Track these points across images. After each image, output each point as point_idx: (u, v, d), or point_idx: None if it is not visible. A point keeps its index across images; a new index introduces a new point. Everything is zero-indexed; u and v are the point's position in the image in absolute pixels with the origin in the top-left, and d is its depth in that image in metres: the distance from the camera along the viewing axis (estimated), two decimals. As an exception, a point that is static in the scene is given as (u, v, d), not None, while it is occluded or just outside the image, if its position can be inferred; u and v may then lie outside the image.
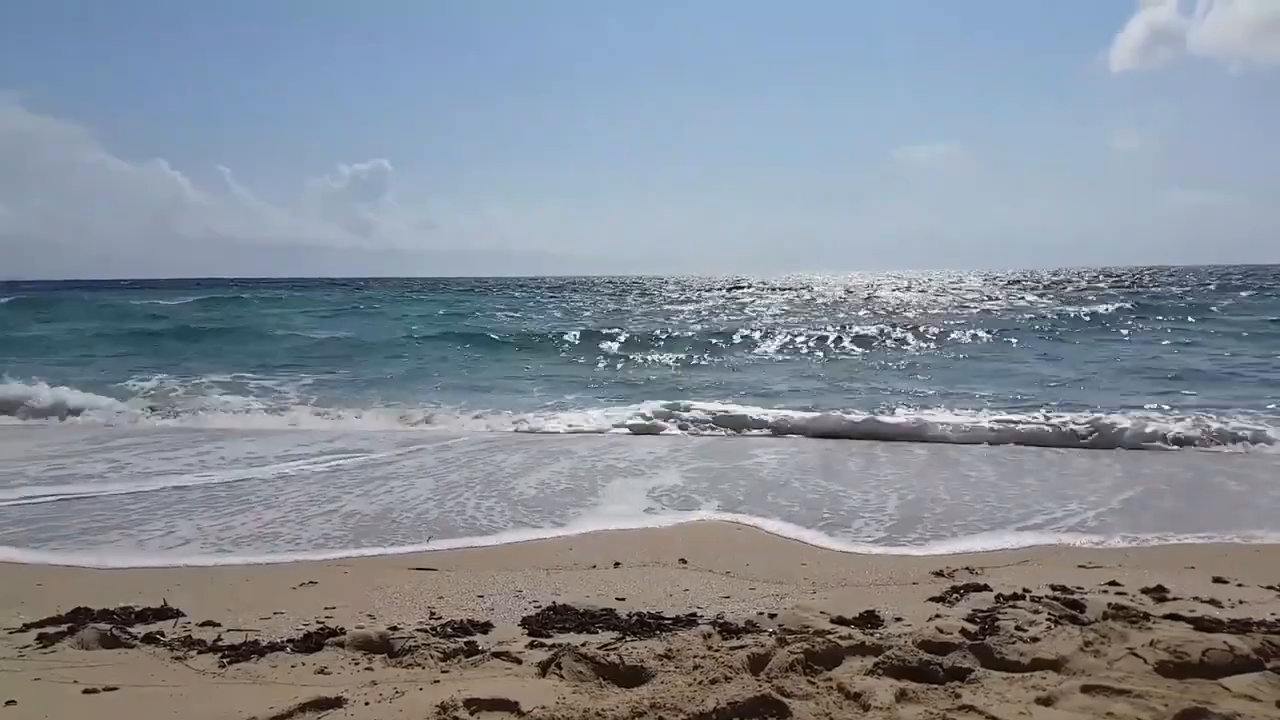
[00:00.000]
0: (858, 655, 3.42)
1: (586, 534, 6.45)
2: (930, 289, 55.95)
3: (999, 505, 7.18)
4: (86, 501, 7.38)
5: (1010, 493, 7.64)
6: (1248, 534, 6.28)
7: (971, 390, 14.68)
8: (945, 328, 25.51)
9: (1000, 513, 6.94)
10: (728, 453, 9.72)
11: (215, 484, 8.11)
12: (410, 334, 26.41)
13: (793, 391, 15.22)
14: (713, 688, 3.12)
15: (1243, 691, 2.98)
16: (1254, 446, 9.64)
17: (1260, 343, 20.99)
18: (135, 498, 7.53)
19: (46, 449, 10.00)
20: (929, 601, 4.56)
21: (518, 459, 9.30)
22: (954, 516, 6.83)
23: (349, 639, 3.82)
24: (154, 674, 3.50)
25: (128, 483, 8.15)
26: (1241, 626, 3.84)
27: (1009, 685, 3.11)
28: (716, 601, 4.69)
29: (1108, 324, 27.22)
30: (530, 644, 3.87)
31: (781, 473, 8.61)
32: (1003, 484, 8.01)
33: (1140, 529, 6.44)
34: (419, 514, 6.98)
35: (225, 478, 8.39)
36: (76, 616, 4.28)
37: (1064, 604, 4.27)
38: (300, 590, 4.98)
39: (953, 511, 6.98)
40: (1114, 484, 8.00)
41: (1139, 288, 50.49)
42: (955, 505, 7.19)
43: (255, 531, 6.46)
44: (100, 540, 6.21)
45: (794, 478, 8.37)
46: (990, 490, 7.75)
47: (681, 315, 35.41)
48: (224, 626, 4.21)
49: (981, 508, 7.10)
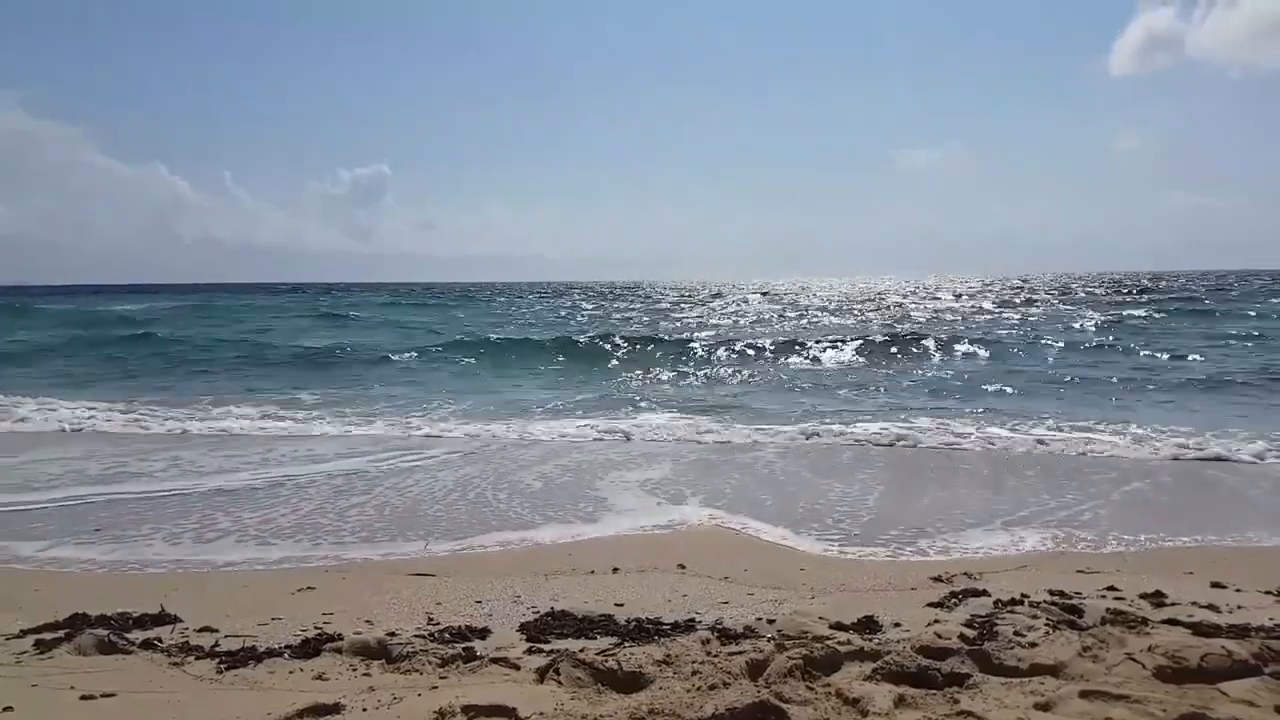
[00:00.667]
0: (856, 661, 3.42)
1: (585, 540, 6.44)
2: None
3: (997, 510, 7.18)
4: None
5: (1007, 497, 7.64)
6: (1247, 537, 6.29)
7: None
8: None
9: (999, 517, 6.94)
10: (724, 460, 9.71)
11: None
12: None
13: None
14: (711, 693, 3.12)
15: (1241, 696, 2.98)
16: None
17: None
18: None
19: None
20: (927, 607, 4.56)
21: (498, 466, 9.30)
22: (953, 522, 6.83)
23: (347, 645, 3.82)
24: (151, 680, 3.50)
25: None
26: (1240, 631, 3.84)
27: (1007, 691, 3.11)
28: (715, 607, 4.69)
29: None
30: (528, 650, 3.87)
31: (778, 478, 8.61)
32: (1000, 488, 8.00)
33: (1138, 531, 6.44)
34: (420, 518, 6.98)
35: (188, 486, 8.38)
36: (74, 622, 4.27)
37: (1062, 609, 4.27)
38: (298, 595, 4.98)
39: (951, 517, 6.98)
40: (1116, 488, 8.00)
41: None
42: (954, 510, 7.19)
43: (243, 535, 6.46)
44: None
45: (791, 483, 8.37)
46: (988, 495, 7.75)
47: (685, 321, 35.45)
48: (222, 632, 4.21)
49: (980, 512, 7.10)
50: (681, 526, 6.82)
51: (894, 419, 11.99)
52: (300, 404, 14.62)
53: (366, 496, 7.79)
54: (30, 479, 8.52)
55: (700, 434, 11.28)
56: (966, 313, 37.09)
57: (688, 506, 7.44)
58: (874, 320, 33.91)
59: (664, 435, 11.30)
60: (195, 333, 29.68)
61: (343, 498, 7.75)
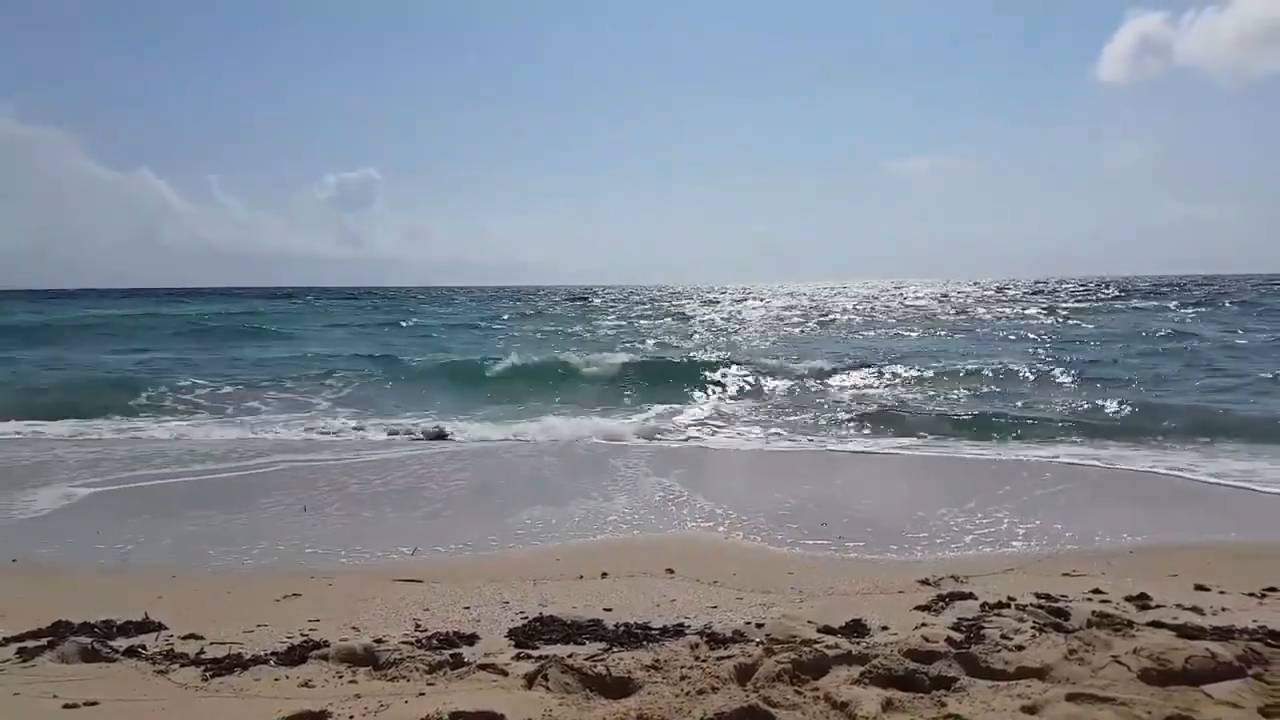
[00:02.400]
0: (844, 664, 3.43)
1: (573, 545, 6.43)
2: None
3: (984, 513, 7.21)
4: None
5: (991, 500, 7.67)
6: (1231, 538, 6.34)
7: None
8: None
9: (987, 521, 6.97)
10: (709, 464, 9.73)
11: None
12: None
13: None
14: (700, 698, 3.12)
15: (1225, 699, 3.00)
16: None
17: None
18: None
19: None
20: (915, 610, 4.57)
21: (479, 470, 9.28)
22: (940, 525, 6.85)
23: (333, 652, 3.80)
24: (135, 688, 3.47)
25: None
26: (1224, 634, 3.87)
27: (994, 694, 3.13)
28: (704, 611, 4.69)
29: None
30: (517, 655, 3.86)
31: (765, 481, 8.62)
32: (984, 492, 8.04)
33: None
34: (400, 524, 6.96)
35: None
36: (57, 630, 4.23)
37: (1049, 612, 4.29)
38: (284, 602, 4.95)
39: (939, 520, 7.00)
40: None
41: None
42: (941, 514, 7.21)
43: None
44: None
45: (777, 487, 8.37)
46: (972, 498, 7.77)
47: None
48: (207, 639, 4.18)
49: (967, 516, 7.13)
50: (670, 531, 6.82)
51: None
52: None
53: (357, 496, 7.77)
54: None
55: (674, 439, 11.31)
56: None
57: (675, 511, 7.44)
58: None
59: (638, 438, 11.30)
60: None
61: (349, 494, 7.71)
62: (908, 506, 7.51)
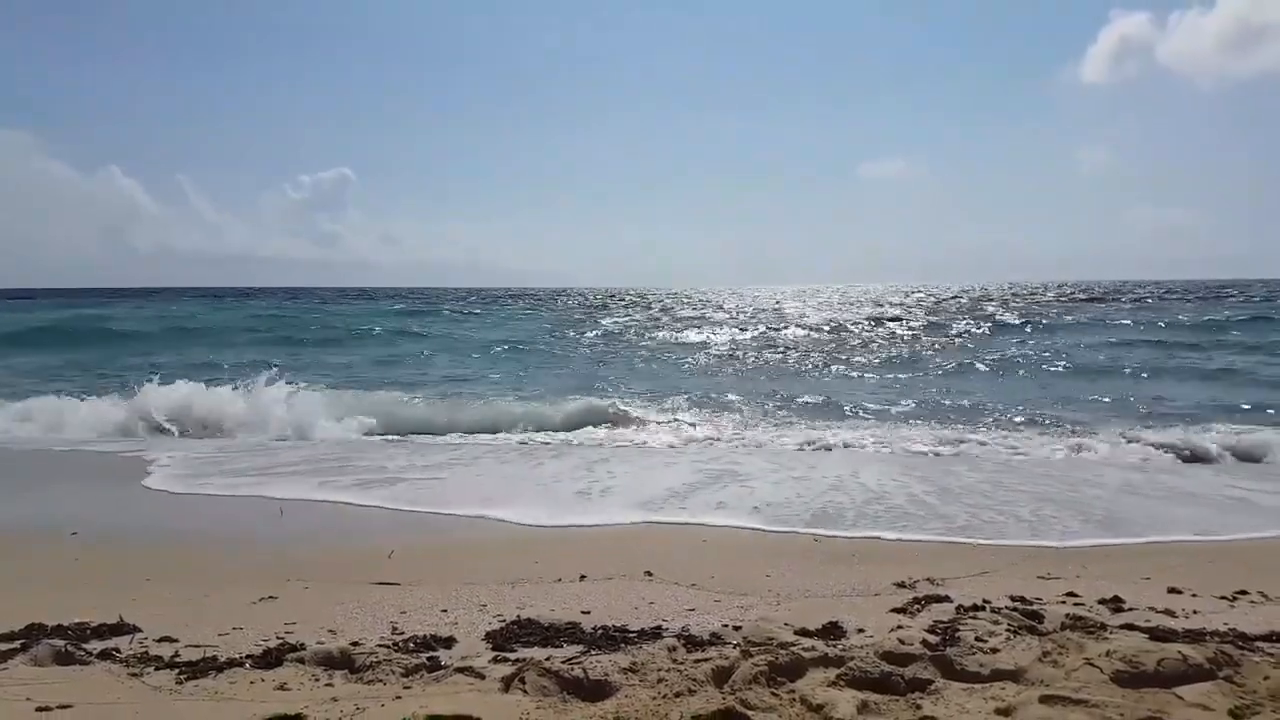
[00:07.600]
0: (820, 667, 3.45)
1: (552, 546, 6.43)
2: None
3: (961, 512, 7.27)
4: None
5: (971, 499, 7.73)
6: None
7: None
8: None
9: (963, 520, 7.03)
10: (691, 462, 9.74)
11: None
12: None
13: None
14: (677, 701, 3.13)
15: (1196, 700, 3.05)
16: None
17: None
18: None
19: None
20: (891, 612, 4.59)
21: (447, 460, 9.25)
22: (915, 524, 6.90)
23: (309, 655, 3.78)
24: (109, 691, 3.44)
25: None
26: (1195, 636, 3.92)
27: (969, 696, 3.16)
28: (681, 614, 4.70)
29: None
30: (494, 659, 3.86)
31: (745, 480, 8.64)
32: (964, 489, 8.10)
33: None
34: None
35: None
36: (29, 633, 4.19)
37: (1023, 614, 4.34)
38: (260, 605, 4.91)
39: (914, 519, 7.05)
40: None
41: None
42: (916, 513, 7.26)
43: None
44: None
45: (758, 485, 8.40)
46: (953, 497, 7.83)
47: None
48: (181, 642, 4.14)
49: (944, 515, 7.18)
50: (649, 532, 6.83)
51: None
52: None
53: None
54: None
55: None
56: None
57: (657, 512, 7.45)
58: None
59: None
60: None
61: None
62: (883, 503, 7.55)
